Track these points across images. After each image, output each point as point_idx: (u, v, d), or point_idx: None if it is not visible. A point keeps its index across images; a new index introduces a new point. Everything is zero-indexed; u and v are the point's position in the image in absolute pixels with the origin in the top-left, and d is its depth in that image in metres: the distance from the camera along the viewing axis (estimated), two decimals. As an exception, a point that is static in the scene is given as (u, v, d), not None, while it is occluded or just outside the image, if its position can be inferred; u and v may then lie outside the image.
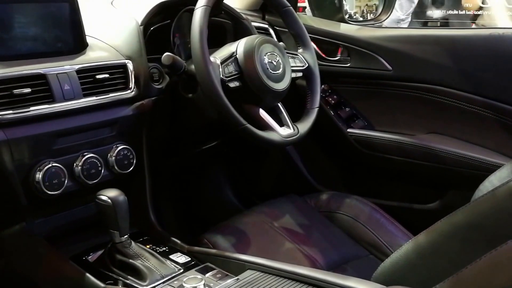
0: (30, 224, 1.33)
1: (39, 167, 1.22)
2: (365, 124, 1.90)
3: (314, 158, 2.08)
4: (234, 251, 1.39)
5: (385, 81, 1.79)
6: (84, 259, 1.31)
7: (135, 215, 1.35)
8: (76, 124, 1.27)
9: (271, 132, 1.43)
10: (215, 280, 1.18)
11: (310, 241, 1.51)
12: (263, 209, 1.63)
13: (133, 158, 1.39)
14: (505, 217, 0.86)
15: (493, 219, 0.88)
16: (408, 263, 1.04)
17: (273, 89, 1.44)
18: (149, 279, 1.19)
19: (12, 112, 1.16)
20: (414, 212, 1.83)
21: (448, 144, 1.71)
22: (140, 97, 1.40)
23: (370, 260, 1.48)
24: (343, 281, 1.04)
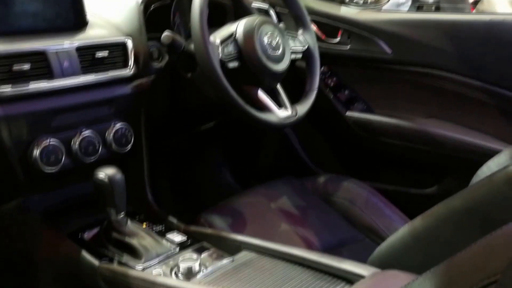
0: (27, 200, 1.34)
1: (37, 144, 1.21)
2: (364, 107, 1.90)
3: (312, 140, 2.08)
4: (230, 231, 1.39)
5: (384, 65, 1.79)
6: (80, 236, 1.32)
7: (132, 193, 1.35)
8: (74, 101, 1.27)
9: (269, 113, 1.43)
10: (210, 260, 1.19)
11: (307, 223, 1.51)
12: (260, 190, 1.63)
13: (131, 137, 1.39)
14: (501, 202, 0.86)
15: (489, 205, 0.88)
16: (404, 247, 1.04)
17: (272, 70, 1.43)
18: (145, 257, 1.20)
19: (11, 88, 1.15)
20: (411, 196, 1.83)
21: (447, 129, 1.71)
22: (139, 76, 1.39)
23: (366, 244, 1.48)
24: (338, 264, 1.04)
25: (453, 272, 0.52)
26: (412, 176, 1.86)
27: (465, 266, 0.51)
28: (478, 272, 0.47)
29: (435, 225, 0.98)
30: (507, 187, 0.86)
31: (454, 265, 0.53)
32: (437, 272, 0.53)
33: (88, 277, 1.21)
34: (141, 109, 1.44)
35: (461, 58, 1.66)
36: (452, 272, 0.52)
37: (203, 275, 1.10)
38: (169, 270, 1.15)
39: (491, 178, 0.89)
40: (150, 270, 1.16)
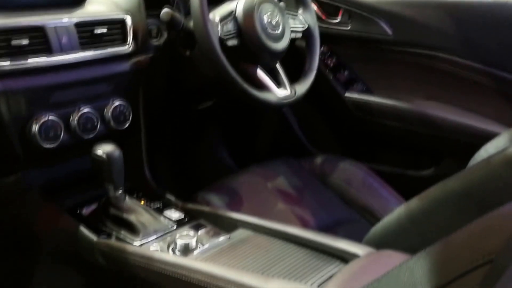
0: (26, 174, 1.34)
1: (36, 120, 1.22)
2: (363, 89, 1.90)
3: (310, 121, 2.07)
4: (227, 209, 1.40)
5: (385, 46, 1.78)
6: (78, 211, 1.33)
7: (131, 171, 1.35)
8: (73, 77, 1.27)
9: (268, 92, 1.42)
10: (207, 237, 1.20)
11: (303, 203, 1.52)
12: (258, 170, 1.64)
13: (130, 114, 1.39)
14: (499, 185, 0.86)
15: (487, 187, 0.88)
16: (400, 227, 1.05)
17: (272, 48, 1.42)
18: (142, 233, 1.21)
19: (10, 63, 1.15)
20: (408, 178, 1.84)
21: (446, 111, 1.71)
22: (138, 53, 1.39)
23: (362, 224, 1.49)
24: (333, 243, 1.05)
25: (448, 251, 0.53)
26: (410, 158, 1.86)
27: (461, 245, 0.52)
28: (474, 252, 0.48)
29: (431, 207, 0.99)
30: (504, 170, 0.86)
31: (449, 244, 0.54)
32: (432, 251, 0.54)
33: (86, 252, 1.22)
34: (139, 87, 1.43)
35: (462, 39, 1.66)
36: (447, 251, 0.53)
37: (199, 252, 1.11)
38: (166, 246, 1.16)
39: (489, 161, 0.89)
40: (148, 246, 1.17)
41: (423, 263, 0.52)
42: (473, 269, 0.46)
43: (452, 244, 0.53)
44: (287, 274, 0.99)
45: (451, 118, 1.69)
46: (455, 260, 0.49)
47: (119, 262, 1.14)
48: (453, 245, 0.53)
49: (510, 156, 0.85)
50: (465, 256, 0.48)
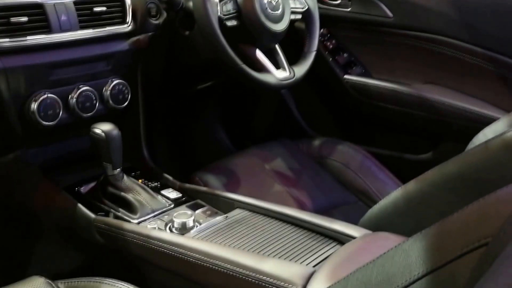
0: (25, 153, 1.35)
1: (35, 98, 1.22)
2: (363, 71, 1.89)
3: (308, 103, 2.07)
4: (224, 190, 1.41)
5: (385, 29, 1.77)
6: (76, 190, 1.34)
7: (129, 150, 1.36)
8: (72, 56, 1.27)
9: (267, 74, 1.42)
10: (204, 217, 1.20)
11: (300, 185, 1.53)
12: (255, 151, 1.64)
13: (128, 93, 1.39)
14: (496, 168, 0.87)
15: (484, 171, 0.89)
16: (396, 210, 1.05)
17: (271, 29, 1.42)
18: (140, 212, 1.21)
19: (9, 40, 1.15)
20: (405, 161, 1.84)
21: (445, 95, 1.70)
22: (137, 32, 1.39)
23: (359, 207, 1.50)
24: (330, 224, 1.06)
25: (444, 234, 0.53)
26: (407, 142, 1.86)
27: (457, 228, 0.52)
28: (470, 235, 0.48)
29: (428, 190, 0.99)
30: (502, 154, 0.86)
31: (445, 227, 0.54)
32: (428, 234, 0.54)
33: (84, 230, 1.23)
34: (138, 66, 1.43)
35: (462, 23, 1.65)
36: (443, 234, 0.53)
37: (196, 230, 1.12)
38: (164, 224, 1.17)
39: (486, 145, 0.90)
40: (145, 224, 1.18)
41: (419, 246, 0.53)
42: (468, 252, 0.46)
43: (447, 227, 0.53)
44: (283, 254, 0.99)
45: (450, 102, 1.68)
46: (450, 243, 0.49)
47: (116, 240, 1.15)
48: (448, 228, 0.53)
49: (508, 140, 0.85)
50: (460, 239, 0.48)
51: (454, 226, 0.53)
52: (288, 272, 0.89)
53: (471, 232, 0.48)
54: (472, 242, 0.46)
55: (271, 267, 0.91)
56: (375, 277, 0.55)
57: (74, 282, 0.96)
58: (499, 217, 0.47)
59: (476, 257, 0.45)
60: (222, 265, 0.95)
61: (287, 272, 0.89)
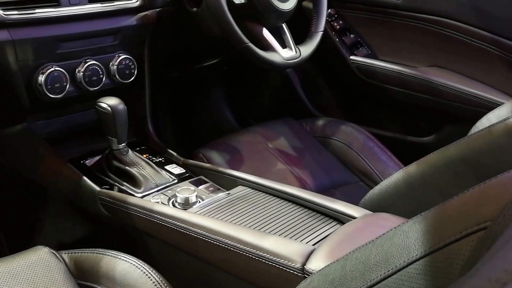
0: (32, 124, 1.36)
1: (42, 70, 1.23)
2: (369, 53, 1.89)
3: (313, 83, 2.07)
4: (227, 167, 1.42)
5: (392, 10, 1.77)
6: (82, 162, 1.35)
7: (134, 125, 1.37)
8: (80, 30, 1.27)
9: (273, 52, 1.42)
10: (207, 193, 1.22)
11: (302, 164, 1.54)
12: (259, 129, 1.65)
13: (135, 69, 1.39)
14: (499, 153, 0.87)
15: (487, 155, 0.89)
16: (397, 192, 1.06)
17: (279, 8, 1.42)
18: (144, 186, 1.23)
19: (18, 12, 1.16)
20: (408, 144, 1.85)
21: (450, 79, 1.70)
22: (145, 8, 1.39)
23: (360, 187, 1.51)
24: (330, 204, 1.07)
25: (443, 217, 0.53)
26: (411, 124, 1.87)
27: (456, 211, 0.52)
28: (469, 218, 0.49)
29: (429, 173, 1.00)
30: (505, 139, 0.87)
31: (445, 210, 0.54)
32: (428, 216, 0.54)
33: (88, 202, 1.25)
34: (145, 42, 1.43)
35: (470, 6, 1.64)
36: (443, 217, 0.53)
37: (199, 206, 1.13)
38: (167, 199, 1.18)
39: (490, 129, 0.90)
40: (149, 198, 1.19)
41: (418, 227, 0.53)
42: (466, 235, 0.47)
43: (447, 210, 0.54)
44: (284, 231, 1.01)
45: (455, 85, 1.68)
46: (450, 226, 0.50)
47: (120, 213, 1.16)
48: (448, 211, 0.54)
49: (511, 126, 0.86)
50: (459, 222, 0.49)
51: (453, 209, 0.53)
52: (288, 250, 0.90)
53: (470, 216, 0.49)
54: (471, 225, 0.47)
55: (272, 244, 0.92)
56: (374, 257, 0.56)
57: (78, 253, 0.97)
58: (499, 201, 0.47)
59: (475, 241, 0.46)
60: (224, 240, 0.96)
61: (287, 249, 0.91)
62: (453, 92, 1.68)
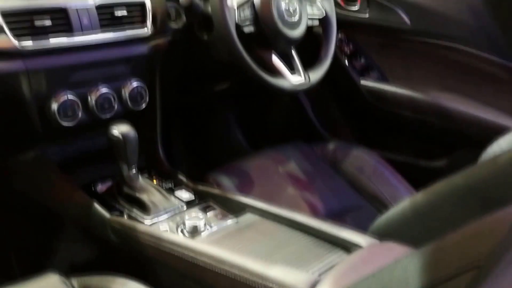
0: (44, 151, 1.38)
1: (55, 98, 1.25)
2: (379, 77, 1.90)
3: (324, 106, 2.08)
4: (237, 192, 1.43)
5: (402, 35, 1.78)
6: (93, 188, 1.37)
7: (145, 150, 1.38)
8: (92, 58, 1.30)
9: (282, 78, 1.44)
10: (215, 220, 1.22)
11: (313, 188, 1.54)
12: (270, 153, 1.66)
13: (146, 95, 1.41)
14: (503, 183, 0.87)
15: (492, 185, 0.89)
16: (404, 219, 1.06)
17: (288, 36, 1.44)
18: (153, 213, 1.24)
19: (32, 43, 1.18)
20: (419, 168, 1.85)
21: (461, 104, 1.70)
22: (156, 36, 1.41)
23: (370, 212, 1.51)
24: (338, 232, 1.07)
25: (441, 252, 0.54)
26: (422, 148, 1.87)
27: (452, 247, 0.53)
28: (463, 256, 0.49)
29: (436, 201, 1.00)
30: (510, 169, 0.87)
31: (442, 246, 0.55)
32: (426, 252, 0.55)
33: (99, 228, 1.26)
34: (157, 68, 1.46)
35: (480, 32, 1.65)
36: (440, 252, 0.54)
37: (207, 234, 1.14)
38: (176, 226, 1.19)
39: (495, 159, 0.90)
40: (158, 225, 1.20)
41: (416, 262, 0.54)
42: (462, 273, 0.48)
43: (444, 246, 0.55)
44: (290, 260, 1.01)
45: (466, 110, 1.68)
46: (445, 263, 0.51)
47: (129, 240, 1.17)
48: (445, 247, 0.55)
49: None
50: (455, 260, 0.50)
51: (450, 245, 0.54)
52: (294, 280, 0.91)
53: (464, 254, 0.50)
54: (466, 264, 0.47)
55: (277, 274, 0.93)
56: (374, 289, 0.57)
57: (88, 278, 0.99)
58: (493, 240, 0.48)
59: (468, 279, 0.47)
60: (230, 270, 0.97)
61: (293, 279, 0.91)
62: (464, 116, 1.68)
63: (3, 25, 1.14)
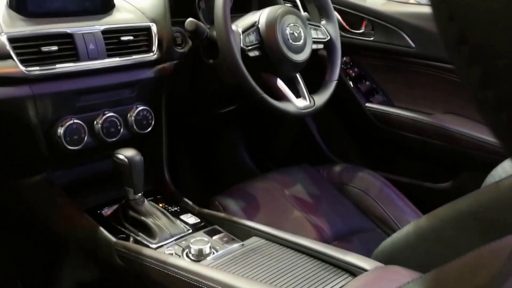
0: (51, 174, 1.39)
1: (61, 123, 1.26)
2: (384, 99, 1.91)
3: (330, 129, 2.09)
4: (242, 215, 1.43)
5: (407, 58, 1.79)
6: (98, 212, 1.37)
7: (151, 173, 1.39)
8: (98, 83, 1.31)
9: (287, 102, 1.45)
10: (221, 244, 1.23)
11: (319, 211, 1.54)
12: (276, 176, 1.66)
13: (152, 119, 1.42)
14: (505, 209, 0.88)
15: (495, 210, 0.89)
16: (408, 244, 1.06)
17: (293, 60, 1.45)
18: (159, 237, 1.24)
19: (39, 68, 1.20)
20: (425, 190, 1.85)
21: (465, 126, 1.71)
22: (162, 60, 1.43)
23: (377, 234, 1.51)
24: (342, 256, 1.07)
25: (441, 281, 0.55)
26: (427, 170, 1.87)
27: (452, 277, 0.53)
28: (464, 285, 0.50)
29: (439, 226, 1.00)
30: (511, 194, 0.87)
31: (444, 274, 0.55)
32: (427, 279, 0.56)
33: (104, 252, 1.26)
34: (162, 93, 1.47)
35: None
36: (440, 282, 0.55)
37: (212, 258, 1.14)
38: (181, 250, 1.19)
39: (497, 185, 0.91)
40: (163, 249, 1.21)
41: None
42: None
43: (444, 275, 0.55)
44: (296, 285, 1.01)
45: (471, 132, 1.68)
46: (445, 293, 0.51)
47: (135, 264, 1.18)
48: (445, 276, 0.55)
49: None
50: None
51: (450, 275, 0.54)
52: (298, 304, 0.91)
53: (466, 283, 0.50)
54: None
55: (282, 299, 0.93)
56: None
57: None
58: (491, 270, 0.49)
59: None
60: (235, 295, 0.97)
61: (298, 304, 0.91)
62: (469, 139, 1.68)
63: (11, 51, 1.16)
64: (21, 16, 1.21)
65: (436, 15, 0.29)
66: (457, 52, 0.28)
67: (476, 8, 0.26)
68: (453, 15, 0.27)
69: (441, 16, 0.28)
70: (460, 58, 0.28)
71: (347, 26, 1.89)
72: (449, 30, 0.28)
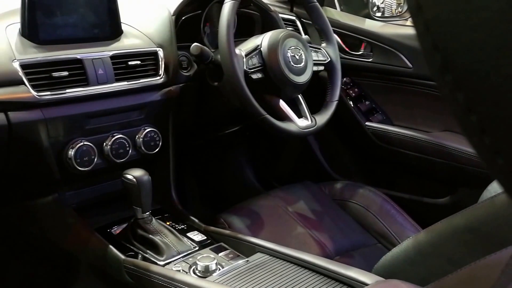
0: (62, 195, 1.43)
1: (72, 145, 1.31)
2: (383, 118, 1.95)
3: (332, 147, 2.13)
4: (247, 232, 1.46)
5: (405, 78, 1.83)
6: (108, 231, 1.41)
7: (158, 192, 1.43)
8: (107, 106, 1.35)
9: (289, 123, 1.49)
10: (226, 260, 1.26)
11: (321, 227, 1.58)
12: (279, 193, 1.70)
13: (159, 140, 1.46)
14: (501, 224, 0.91)
15: (491, 225, 0.93)
16: (407, 259, 1.10)
17: (294, 81, 1.49)
18: (166, 254, 1.28)
19: (50, 93, 1.24)
20: (424, 205, 1.88)
21: (462, 143, 1.74)
22: (169, 83, 1.47)
23: (378, 249, 1.54)
24: (344, 271, 1.11)
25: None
26: (426, 186, 1.91)
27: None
28: None
29: (437, 241, 1.04)
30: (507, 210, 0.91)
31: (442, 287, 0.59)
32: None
33: (114, 270, 1.30)
34: (169, 115, 1.52)
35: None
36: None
37: (218, 274, 1.18)
38: (188, 267, 1.23)
39: (493, 200, 0.94)
40: (171, 266, 1.24)
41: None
42: None
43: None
44: (299, 299, 1.05)
45: (467, 149, 1.71)
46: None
47: (144, 280, 1.21)
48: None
49: None
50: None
51: (448, 287, 0.58)
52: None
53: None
54: None
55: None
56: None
57: None
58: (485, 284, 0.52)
59: None
60: (240, 310, 1.01)
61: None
62: (466, 156, 1.71)
63: (23, 77, 1.20)
64: (33, 43, 1.26)
65: (421, 43, 0.30)
66: (441, 79, 0.29)
67: (459, 38, 0.27)
68: (437, 45, 0.29)
69: (426, 45, 0.29)
70: (444, 85, 0.29)
71: (346, 48, 1.94)
72: (434, 58, 0.29)
